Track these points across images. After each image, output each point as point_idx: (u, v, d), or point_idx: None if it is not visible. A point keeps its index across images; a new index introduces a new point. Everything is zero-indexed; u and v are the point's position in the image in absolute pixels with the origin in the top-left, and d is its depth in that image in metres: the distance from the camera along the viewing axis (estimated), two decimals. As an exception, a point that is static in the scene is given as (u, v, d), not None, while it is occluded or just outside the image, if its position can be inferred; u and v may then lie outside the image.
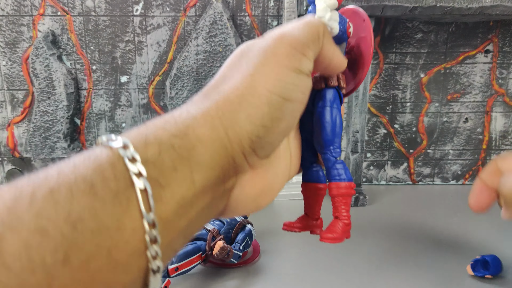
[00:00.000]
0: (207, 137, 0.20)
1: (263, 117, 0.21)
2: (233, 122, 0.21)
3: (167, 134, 0.19)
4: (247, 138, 0.21)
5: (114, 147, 0.18)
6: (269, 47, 0.21)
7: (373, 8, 0.54)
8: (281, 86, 0.21)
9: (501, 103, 0.68)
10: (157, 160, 0.18)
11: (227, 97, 0.21)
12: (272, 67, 0.21)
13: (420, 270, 0.43)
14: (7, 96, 0.63)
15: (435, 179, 0.71)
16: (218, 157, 0.20)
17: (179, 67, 0.62)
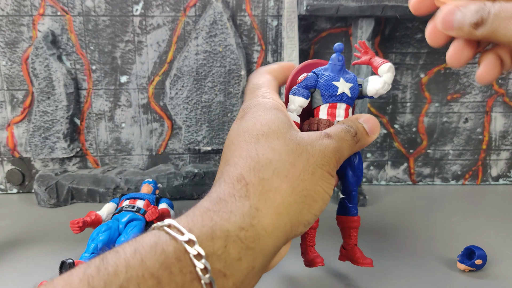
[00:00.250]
0: (272, 226, 0.22)
1: (317, 209, 0.25)
2: (298, 212, 0.24)
3: (233, 227, 0.21)
4: (303, 225, 0.24)
5: (180, 240, 0.19)
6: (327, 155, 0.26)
7: (373, 8, 0.54)
8: (330, 188, 0.26)
9: (501, 103, 0.68)
10: (224, 253, 0.20)
11: (294, 188, 0.24)
12: (326, 172, 0.26)
13: (420, 270, 0.43)
14: (6, 96, 0.63)
15: (435, 179, 0.71)
16: (279, 243, 0.23)
17: (179, 67, 0.62)
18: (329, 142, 0.27)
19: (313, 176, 0.25)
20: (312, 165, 0.25)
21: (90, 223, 0.46)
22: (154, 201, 0.51)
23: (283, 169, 0.24)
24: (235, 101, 0.63)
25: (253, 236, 0.21)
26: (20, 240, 0.50)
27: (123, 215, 0.46)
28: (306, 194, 0.24)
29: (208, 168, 0.64)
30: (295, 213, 0.23)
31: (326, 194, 0.26)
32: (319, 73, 0.34)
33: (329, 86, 0.33)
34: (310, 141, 0.26)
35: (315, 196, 0.25)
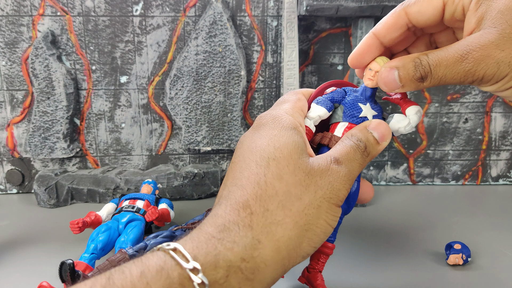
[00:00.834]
0: (271, 259, 0.23)
1: (318, 241, 0.25)
2: (297, 245, 0.24)
3: (235, 257, 0.21)
4: (301, 257, 0.25)
5: (185, 267, 0.20)
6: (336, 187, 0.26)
7: (373, 8, 0.54)
8: (334, 220, 0.26)
9: (501, 104, 0.68)
10: (225, 282, 0.20)
11: (296, 223, 0.24)
12: (332, 204, 0.25)
13: (420, 270, 0.43)
14: (6, 96, 0.63)
15: (435, 180, 0.71)
16: (276, 274, 0.23)
17: (179, 67, 0.62)
18: (339, 170, 0.26)
19: (318, 210, 0.25)
20: (319, 199, 0.25)
21: (89, 223, 0.46)
22: (154, 201, 0.51)
23: (288, 202, 0.24)
24: (235, 101, 0.63)
25: (253, 267, 0.22)
26: (19, 240, 0.50)
27: (123, 215, 0.46)
28: (307, 228, 0.24)
29: (208, 169, 0.64)
30: (294, 246, 0.24)
31: (329, 227, 0.26)
32: (348, 91, 0.33)
33: (354, 106, 0.32)
34: (320, 172, 0.25)
35: (317, 230, 0.25)
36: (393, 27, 0.29)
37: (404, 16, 0.29)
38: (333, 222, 0.26)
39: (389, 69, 0.28)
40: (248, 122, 0.67)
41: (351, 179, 0.26)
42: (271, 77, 0.66)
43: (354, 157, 0.27)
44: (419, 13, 0.28)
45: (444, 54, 0.26)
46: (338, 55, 0.66)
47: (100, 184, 0.61)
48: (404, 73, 0.27)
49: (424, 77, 0.26)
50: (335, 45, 0.65)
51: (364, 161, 0.28)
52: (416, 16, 0.28)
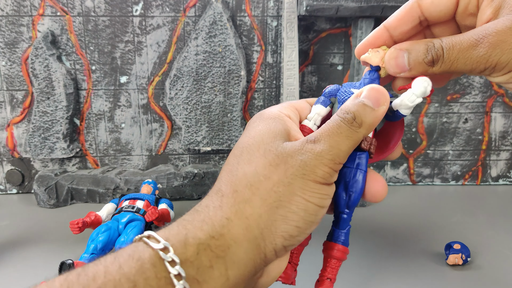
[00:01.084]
0: (242, 237, 0.22)
1: (298, 220, 0.24)
2: (269, 223, 0.23)
3: (205, 235, 0.22)
4: (281, 236, 0.23)
5: (155, 248, 0.20)
6: (309, 164, 0.24)
7: (373, 8, 0.54)
8: (317, 197, 0.24)
9: (501, 104, 0.68)
10: (196, 260, 0.20)
11: (264, 200, 0.24)
12: (310, 181, 0.24)
13: (419, 270, 0.43)
14: (6, 96, 0.63)
15: (434, 180, 0.71)
16: (252, 254, 0.23)
17: (179, 67, 0.62)
18: (313, 148, 0.25)
19: (289, 187, 0.24)
20: (289, 176, 0.24)
21: (89, 223, 0.46)
22: (153, 201, 0.51)
23: (256, 182, 0.24)
24: (235, 101, 0.63)
25: (223, 245, 0.22)
26: (19, 240, 0.50)
27: (122, 215, 0.46)
28: (278, 206, 0.23)
29: (208, 169, 0.64)
30: (266, 224, 0.23)
31: (309, 204, 0.24)
32: (344, 84, 0.30)
33: (345, 92, 0.29)
34: (292, 152, 0.25)
35: (292, 207, 0.24)
36: (405, 19, 0.28)
37: (416, 8, 0.28)
38: (315, 199, 0.24)
39: (399, 50, 0.27)
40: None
41: (334, 154, 0.24)
42: (271, 77, 0.66)
43: (338, 131, 0.25)
44: (433, 4, 0.27)
45: (459, 39, 0.25)
46: (338, 55, 0.66)
47: (100, 184, 0.61)
48: (414, 55, 0.26)
49: (436, 60, 0.25)
50: (335, 45, 0.65)
51: (354, 133, 0.25)
52: (429, 8, 0.28)
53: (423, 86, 0.27)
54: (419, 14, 0.28)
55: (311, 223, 0.25)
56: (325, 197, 0.25)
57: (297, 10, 0.59)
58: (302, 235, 0.25)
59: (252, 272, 0.23)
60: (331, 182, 0.25)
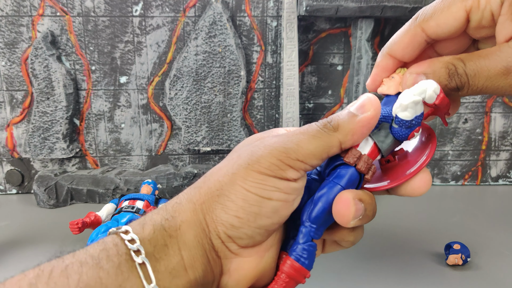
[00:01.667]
0: (190, 219, 0.24)
1: (237, 209, 0.23)
2: (210, 210, 0.24)
3: (160, 217, 0.24)
4: (221, 224, 0.24)
5: (118, 232, 0.22)
6: (256, 154, 0.24)
7: (373, 9, 0.54)
8: (259, 188, 0.23)
9: (501, 104, 0.68)
10: (152, 238, 0.22)
11: (209, 188, 0.25)
12: (252, 171, 0.24)
13: (419, 270, 0.43)
14: (6, 96, 0.63)
15: (434, 180, 0.71)
16: (199, 238, 0.24)
17: (179, 67, 0.62)
18: (267, 140, 0.24)
19: (232, 176, 0.24)
20: (235, 167, 0.24)
21: (89, 223, 0.46)
22: (153, 201, 0.51)
23: (210, 174, 0.26)
24: (234, 101, 0.63)
25: (174, 226, 0.23)
26: (19, 240, 0.50)
27: (122, 215, 0.46)
28: (219, 194, 0.24)
29: (208, 169, 0.64)
30: (208, 210, 0.24)
31: (249, 193, 0.23)
32: None
33: None
34: (247, 144, 0.26)
35: (232, 196, 0.23)
36: (410, 46, 0.27)
37: (421, 33, 0.26)
38: (256, 190, 0.23)
39: (415, 75, 0.25)
40: (248, 122, 0.67)
41: (289, 149, 0.23)
42: (270, 77, 0.66)
43: (306, 129, 0.24)
44: (438, 27, 0.26)
45: (485, 64, 0.23)
46: (338, 55, 0.66)
47: (99, 185, 0.61)
48: (435, 81, 0.24)
49: (460, 87, 0.24)
50: (334, 45, 0.65)
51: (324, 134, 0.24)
52: (436, 31, 0.26)
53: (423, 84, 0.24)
54: (425, 37, 0.26)
55: (255, 214, 0.23)
56: (272, 189, 0.23)
57: (297, 10, 0.59)
58: (246, 226, 0.23)
59: (204, 257, 0.24)
60: (283, 177, 0.24)
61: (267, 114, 0.67)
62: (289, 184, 0.24)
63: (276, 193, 0.24)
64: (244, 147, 0.26)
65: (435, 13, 0.26)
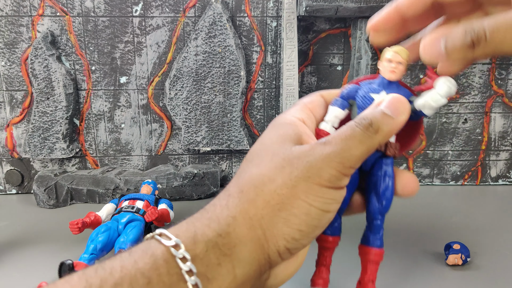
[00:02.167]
0: (246, 236, 0.23)
1: (300, 223, 0.23)
2: (271, 225, 0.23)
3: (212, 233, 0.22)
4: (283, 239, 0.23)
5: (167, 245, 0.21)
6: (315, 166, 0.23)
7: (372, 9, 0.54)
8: (321, 202, 0.24)
9: (500, 104, 0.68)
10: (205, 257, 0.21)
11: (267, 202, 0.24)
12: (314, 185, 0.23)
13: (419, 270, 0.43)
14: (6, 96, 0.63)
15: (434, 180, 0.71)
16: (256, 254, 0.23)
17: (178, 67, 0.62)
18: (321, 151, 0.24)
19: (292, 190, 0.23)
20: (294, 179, 0.24)
21: (89, 224, 0.46)
22: (153, 201, 0.51)
23: (261, 184, 0.24)
24: (234, 101, 0.63)
25: (229, 243, 0.22)
26: (19, 240, 0.50)
27: (122, 215, 0.46)
28: (280, 208, 0.23)
29: (208, 169, 0.64)
30: (269, 226, 0.23)
31: (312, 208, 0.23)
32: (362, 84, 0.30)
33: (365, 98, 0.29)
34: (299, 154, 0.24)
35: (294, 210, 0.23)
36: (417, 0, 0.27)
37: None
38: (319, 204, 0.24)
39: (434, 37, 0.25)
40: (248, 123, 0.67)
41: (344, 157, 0.24)
42: (270, 77, 0.66)
43: (352, 135, 0.24)
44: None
45: (504, 17, 0.22)
46: (338, 56, 0.66)
47: (99, 185, 0.61)
48: (452, 39, 0.24)
49: (476, 43, 0.23)
50: (334, 45, 0.65)
51: (368, 139, 0.24)
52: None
53: (446, 85, 0.26)
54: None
55: (314, 227, 0.24)
56: (330, 201, 0.24)
57: (297, 10, 0.59)
58: (305, 238, 0.24)
59: (257, 272, 0.23)
60: (339, 186, 0.25)
61: (267, 114, 0.67)
62: (342, 193, 0.25)
63: (333, 205, 0.25)
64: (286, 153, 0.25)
65: None
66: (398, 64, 0.28)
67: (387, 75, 0.28)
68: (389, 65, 0.28)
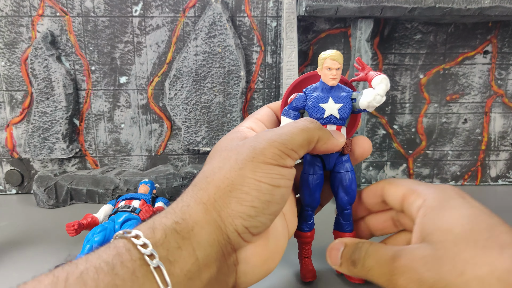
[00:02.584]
0: (202, 219, 0.24)
1: (252, 200, 0.25)
2: (225, 206, 0.25)
3: (169, 221, 0.24)
4: (239, 217, 0.25)
5: (128, 236, 0.22)
6: (258, 147, 0.26)
7: (372, 9, 0.54)
8: (269, 177, 0.26)
9: (500, 104, 0.68)
10: (165, 242, 0.22)
11: (218, 186, 0.25)
12: (260, 163, 0.26)
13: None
14: (6, 97, 0.63)
15: (434, 180, 0.71)
16: (215, 235, 0.24)
17: (178, 68, 0.62)
18: (264, 135, 0.27)
19: (240, 171, 0.25)
20: (240, 162, 0.26)
21: (86, 225, 0.45)
22: (150, 200, 0.51)
23: (211, 174, 0.26)
24: (234, 101, 0.63)
25: (187, 228, 0.23)
26: (19, 241, 0.50)
27: (119, 215, 0.46)
28: (231, 189, 0.25)
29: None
30: (222, 207, 0.25)
31: (261, 184, 0.25)
32: (308, 94, 0.33)
33: (316, 109, 0.32)
34: (243, 143, 0.27)
35: (245, 188, 0.25)
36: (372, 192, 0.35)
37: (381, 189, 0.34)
38: (267, 179, 0.26)
39: (340, 242, 0.32)
40: (248, 123, 0.67)
41: (285, 140, 0.27)
42: (270, 77, 0.66)
43: (295, 124, 0.28)
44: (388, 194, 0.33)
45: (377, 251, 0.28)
46: (338, 56, 0.66)
47: (99, 185, 0.61)
48: (344, 253, 0.30)
49: (356, 263, 0.29)
50: (334, 45, 0.65)
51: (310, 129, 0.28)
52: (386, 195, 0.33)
53: (384, 84, 0.31)
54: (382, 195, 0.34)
55: (268, 202, 0.26)
56: (278, 176, 0.26)
57: (297, 10, 0.59)
58: (261, 215, 0.26)
59: (219, 253, 0.24)
60: (285, 165, 0.27)
61: (267, 114, 0.67)
62: (290, 171, 0.27)
63: (282, 180, 0.26)
64: (233, 146, 0.28)
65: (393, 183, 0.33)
66: (337, 70, 0.32)
67: (330, 83, 0.32)
68: (330, 73, 0.32)
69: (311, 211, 0.35)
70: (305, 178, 0.34)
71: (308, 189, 0.34)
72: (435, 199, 0.28)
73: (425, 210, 0.28)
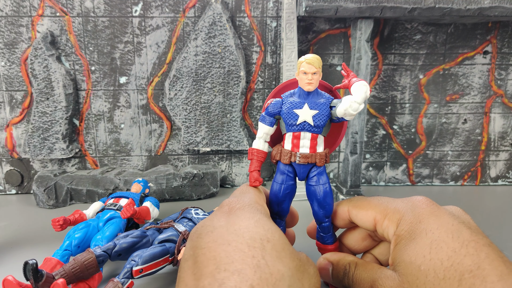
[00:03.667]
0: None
1: None
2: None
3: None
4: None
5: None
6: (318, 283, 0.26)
7: (372, 9, 0.54)
8: None
9: (500, 104, 0.68)
10: None
11: None
12: None
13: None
14: (5, 97, 0.63)
15: (434, 180, 0.71)
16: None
17: (178, 68, 0.62)
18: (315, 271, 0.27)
19: None
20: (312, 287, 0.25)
21: (73, 221, 0.45)
22: (138, 199, 0.51)
23: (295, 286, 0.23)
24: (234, 102, 0.63)
25: None
26: (19, 240, 0.50)
27: (104, 213, 0.46)
28: None
29: (207, 169, 0.64)
30: None
31: None
32: (285, 99, 0.32)
33: (289, 114, 0.31)
34: (307, 263, 0.27)
35: None
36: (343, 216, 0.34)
37: (348, 213, 0.33)
38: None
39: (327, 261, 0.33)
40: (247, 123, 0.68)
41: None
42: (270, 77, 0.66)
43: None
44: (357, 218, 0.33)
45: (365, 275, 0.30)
46: (337, 56, 0.66)
47: (99, 185, 0.61)
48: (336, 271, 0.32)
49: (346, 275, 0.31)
50: (334, 45, 0.65)
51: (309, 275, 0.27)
52: (355, 220, 0.33)
53: (363, 92, 0.29)
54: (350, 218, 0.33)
55: None
56: None
57: (297, 10, 0.59)
58: None
59: None
60: None
61: (267, 115, 0.67)
62: None
63: None
64: None
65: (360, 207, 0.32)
66: (313, 75, 0.30)
67: (305, 88, 0.31)
68: (306, 78, 0.30)
69: (278, 219, 0.34)
70: (274, 187, 0.33)
71: (276, 198, 0.33)
72: (406, 224, 0.29)
73: (396, 239, 0.29)
